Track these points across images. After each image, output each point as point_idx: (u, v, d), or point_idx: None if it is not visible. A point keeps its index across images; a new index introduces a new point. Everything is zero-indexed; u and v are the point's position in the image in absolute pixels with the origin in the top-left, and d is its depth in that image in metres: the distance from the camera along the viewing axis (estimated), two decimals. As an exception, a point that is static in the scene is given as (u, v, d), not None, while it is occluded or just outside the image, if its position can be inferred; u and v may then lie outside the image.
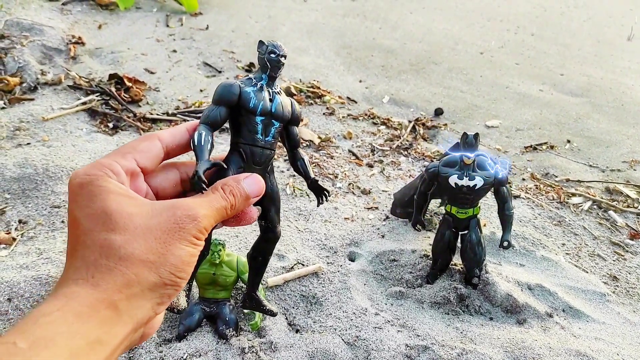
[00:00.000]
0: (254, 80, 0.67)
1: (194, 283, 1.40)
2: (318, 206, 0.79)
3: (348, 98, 2.68)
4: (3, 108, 2.18)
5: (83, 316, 0.48)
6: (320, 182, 0.73)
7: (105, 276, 0.50)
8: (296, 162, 0.74)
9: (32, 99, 2.26)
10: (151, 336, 0.57)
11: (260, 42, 0.67)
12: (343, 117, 2.48)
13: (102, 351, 0.48)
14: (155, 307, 0.53)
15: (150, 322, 0.54)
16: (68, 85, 2.38)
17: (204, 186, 0.60)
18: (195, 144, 0.62)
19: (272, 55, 0.66)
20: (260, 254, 0.76)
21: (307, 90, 2.64)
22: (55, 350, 0.45)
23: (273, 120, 0.67)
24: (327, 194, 0.76)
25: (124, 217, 0.53)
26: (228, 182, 0.61)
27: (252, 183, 0.63)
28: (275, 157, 1.99)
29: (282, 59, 0.67)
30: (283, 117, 0.68)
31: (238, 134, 0.68)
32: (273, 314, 0.83)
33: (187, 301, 0.76)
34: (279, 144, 0.72)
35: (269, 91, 0.67)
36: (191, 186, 0.64)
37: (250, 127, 0.67)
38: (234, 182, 0.61)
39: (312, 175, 0.75)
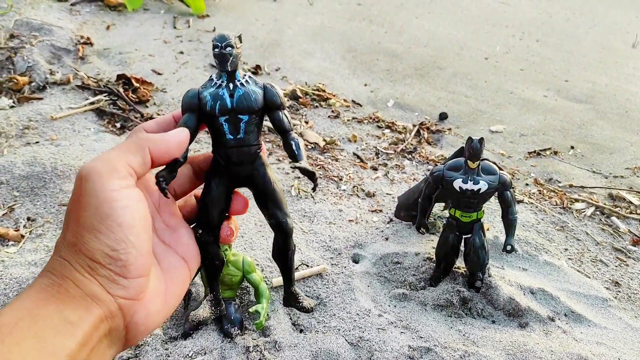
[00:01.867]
0: (214, 80, 0.65)
1: (200, 282, 1.42)
2: (314, 191, 0.75)
3: (353, 101, 2.70)
4: (12, 107, 2.21)
5: (41, 300, 0.47)
6: (306, 166, 0.67)
7: (54, 264, 0.50)
8: (286, 148, 0.69)
9: (41, 98, 2.29)
10: (144, 332, 0.53)
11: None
12: (348, 120, 2.49)
13: (73, 333, 0.46)
14: (109, 289, 0.50)
15: (129, 310, 0.51)
16: (76, 85, 2.41)
17: (164, 187, 0.59)
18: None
19: (216, 50, 0.63)
20: (276, 253, 0.74)
21: (313, 93, 2.65)
22: (20, 334, 0.43)
23: (239, 116, 0.64)
24: (314, 183, 0.71)
25: (88, 206, 0.52)
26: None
27: (174, 132, 0.60)
28: (281, 158, 2.01)
29: (227, 50, 0.62)
30: (250, 108, 0.64)
31: (213, 139, 0.66)
32: (307, 311, 0.79)
33: (216, 309, 0.77)
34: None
35: (229, 86, 0.64)
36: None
37: (216, 129, 0.65)
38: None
39: (301, 159, 0.68)
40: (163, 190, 0.59)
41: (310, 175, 0.68)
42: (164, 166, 0.61)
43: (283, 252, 0.73)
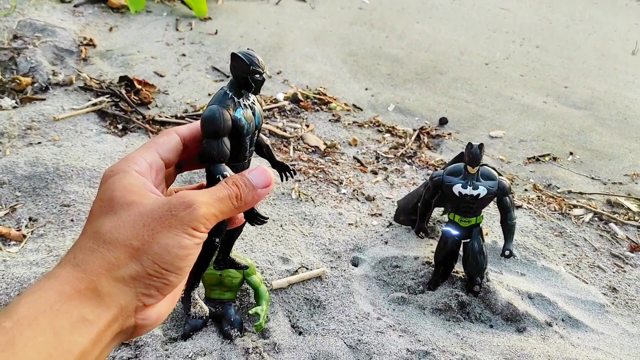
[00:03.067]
0: (235, 99, 0.64)
1: (200, 283, 1.43)
2: (282, 181, 0.78)
3: (354, 105, 2.71)
4: (15, 107, 2.22)
5: (64, 294, 0.47)
6: (284, 161, 0.74)
7: (87, 257, 0.50)
8: (262, 149, 0.73)
9: (44, 99, 2.30)
10: (149, 330, 0.55)
11: (235, 56, 0.63)
12: (349, 124, 2.51)
13: (88, 331, 0.47)
14: (140, 296, 0.51)
15: (142, 314, 0.52)
16: (79, 86, 2.42)
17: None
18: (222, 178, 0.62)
19: (257, 77, 0.64)
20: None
21: (314, 97, 2.67)
22: (38, 328, 0.44)
23: (256, 131, 0.68)
24: (292, 173, 0.76)
25: (124, 204, 0.53)
26: (232, 176, 0.60)
27: (257, 174, 0.61)
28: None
29: (266, 76, 0.66)
30: (262, 124, 0.68)
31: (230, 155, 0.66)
32: (244, 267, 0.84)
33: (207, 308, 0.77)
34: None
35: (248, 105, 0.65)
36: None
37: (241, 147, 0.66)
38: (238, 175, 0.61)
39: (277, 159, 0.75)
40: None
41: (287, 170, 0.76)
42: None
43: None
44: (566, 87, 3.42)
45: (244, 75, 0.63)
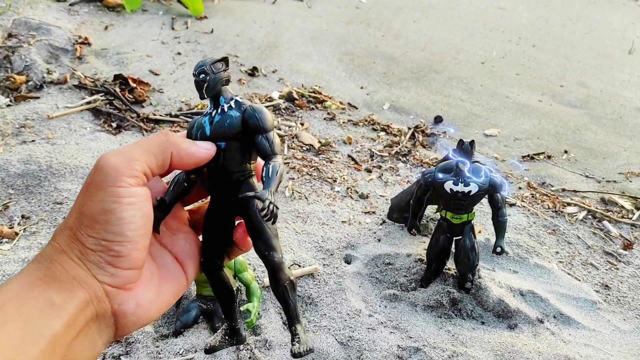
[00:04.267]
0: (206, 109, 0.64)
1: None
2: (272, 223, 0.61)
3: (349, 104, 2.71)
4: (9, 105, 2.22)
5: (26, 284, 0.48)
6: (270, 198, 0.57)
7: (45, 250, 0.52)
8: (261, 172, 0.60)
9: (38, 97, 2.30)
10: (138, 323, 0.54)
11: None
12: (343, 122, 2.51)
13: (58, 315, 0.47)
14: (98, 276, 0.51)
15: (117, 298, 0.52)
16: (73, 85, 2.42)
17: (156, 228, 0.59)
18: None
19: (194, 79, 0.62)
20: (272, 288, 0.64)
21: (309, 96, 2.67)
22: (6, 315, 0.45)
23: (218, 143, 0.61)
24: (269, 213, 0.57)
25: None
26: None
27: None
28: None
29: (200, 78, 0.62)
30: (225, 133, 0.61)
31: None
32: (295, 356, 0.64)
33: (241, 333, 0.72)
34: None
35: (211, 113, 0.63)
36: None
37: None
38: None
39: (267, 187, 0.57)
40: (154, 229, 0.59)
41: (262, 202, 0.56)
42: (155, 205, 0.60)
43: (274, 288, 0.64)
44: (562, 85, 3.43)
45: None
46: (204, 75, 0.62)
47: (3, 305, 0.46)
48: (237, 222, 0.66)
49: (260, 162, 0.64)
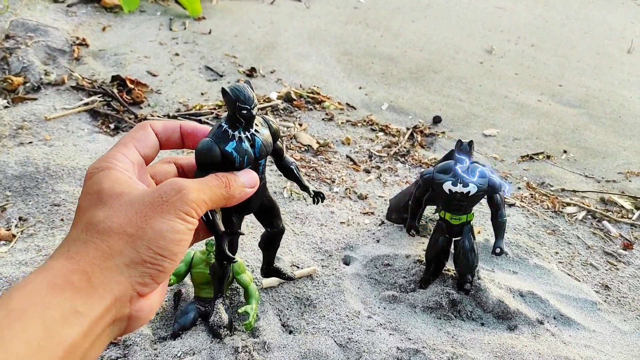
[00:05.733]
0: (229, 133, 0.64)
1: (190, 282, 1.42)
2: (314, 204, 0.84)
3: (347, 104, 2.71)
4: (6, 107, 2.21)
5: (56, 287, 0.47)
6: (314, 188, 0.77)
7: (80, 248, 0.50)
8: (287, 173, 0.76)
9: (35, 99, 2.29)
10: (142, 325, 0.55)
11: (224, 91, 0.63)
12: (342, 122, 2.50)
13: (79, 323, 0.46)
14: (135, 285, 0.51)
15: (136, 305, 0.52)
16: (71, 86, 2.41)
17: (232, 257, 0.67)
18: (205, 220, 0.64)
19: (244, 112, 0.63)
20: (269, 245, 0.85)
21: (307, 96, 2.66)
22: (28, 321, 0.44)
23: (259, 161, 0.66)
24: (321, 198, 0.80)
25: (113, 195, 0.53)
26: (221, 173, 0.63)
27: (244, 173, 0.64)
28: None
29: (254, 112, 0.64)
30: (268, 151, 0.67)
31: None
32: (291, 278, 0.95)
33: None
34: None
35: (247, 137, 0.64)
36: (221, 261, 0.70)
37: None
38: (227, 172, 0.63)
39: (306, 184, 0.78)
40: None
41: (318, 196, 0.80)
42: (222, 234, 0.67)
43: (276, 245, 0.85)
44: (561, 85, 3.42)
45: (232, 108, 0.63)
46: (257, 109, 0.64)
47: (26, 309, 0.45)
48: None
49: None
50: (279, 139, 0.71)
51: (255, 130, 0.65)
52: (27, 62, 2.49)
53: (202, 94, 2.59)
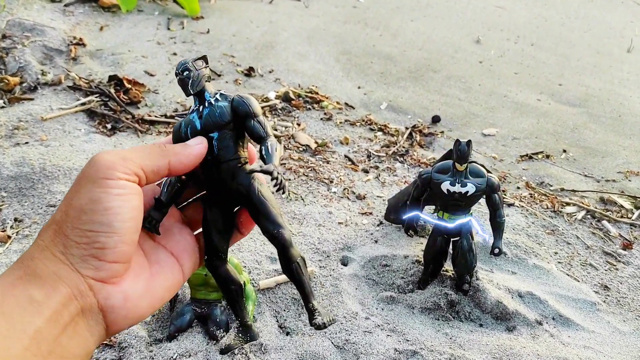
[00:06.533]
0: (193, 106, 0.66)
1: (186, 283, 1.41)
2: (283, 193, 0.69)
3: (346, 104, 2.70)
4: (2, 107, 2.20)
5: (9, 283, 0.48)
6: (267, 167, 0.61)
7: (27, 251, 0.51)
8: (259, 153, 0.65)
9: (32, 99, 2.28)
10: (128, 317, 0.53)
11: None
12: (340, 122, 2.49)
13: (39, 311, 0.46)
14: (82, 270, 0.50)
15: (102, 292, 0.51)
16: (68, 86, 2.40)
17: (154, 227, 0.62)
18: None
19: (177, 78, 0.65)
20: (283, 268, 0.66)
21: (306, 96, 2.65)
22: None
23: (210, 135, 0.64)
24: (280, 185, 0.61)
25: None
26: None
27: (191, 140, 0.63)
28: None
29: (184, 75, 0.64)
30: (217, 124, 0.63)
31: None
32: (320, 328, 0.69)
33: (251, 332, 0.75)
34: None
35: (199, 108, 0.65)
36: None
37: None
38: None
39: (270, 162, 0.62)
40: (153, 230, 0.62)
41: (269, 174, 0.60)
42: (153, 205, 0.63)
43: (286, 265, 0.65)
44: (560, 84, 3.41)
45: None
46: (187, 72, 0.64)
47: None
48: (235, 209, 0.69)
49: (252, 149, 0.68)
50: (253, 120, 0.64)
51: (209, 103, 0.65)
52: (23, 62, 2.48)
53: (200, 93, 2.57)
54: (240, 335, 0.75)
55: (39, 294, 0.47)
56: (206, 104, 0.64)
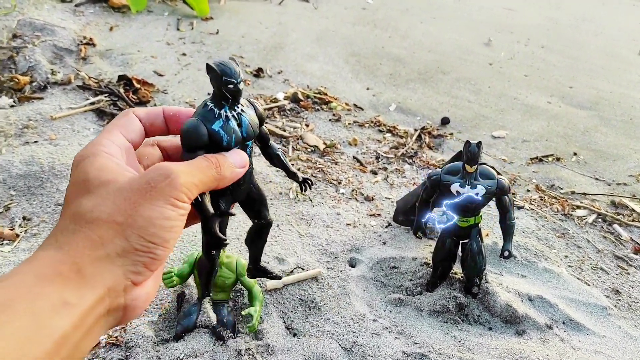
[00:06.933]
0: (216, 111, 0.63)
1: (193, 283, 1.41)
2: (302, 191, 0.82)
3: (355, 105, 2.69)
4: (12, 106, 2.21)
5: (44, 278, 0.46)
6: (302, 174, 0.75)
7: (69, 239, 0.49)
8: (273, 159, 0.75)
9: (42, 98, 2.29)
10: (138, 313, 0.54)
11: (208, 67, 0.62)
12: (349, 123, 2.48)
13: (69, 314, 0.45)
14: (128, 274, 0.50)
15: (131, 294, 0.51)
16: (77, 86, 2.41)
17: (224, 240, 0.66)
18: (194, 203, 0.61)
19: (230, 87, 0.62)
20: (256, 241, 0.85)
21: (314, 97, 2.64)
22: (15, 313, 0.43)
23: (246, 142, 0.65)
24: (309, 184, 0.80)
25: (100, 183, 0.52)
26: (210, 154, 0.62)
27: (233, 153, 0.63)
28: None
29: (241, 86, 0.62)
30: (255, 132, 0.66)
31: None
32: (279, 277, 0.96)
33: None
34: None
35: (234, 116, 0.64)
36: (211, 247, 0.70)
37: None
38: (216, 153, 0.62)
39: (293, 170, 0.78)
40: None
41: (306, 182, 0.78)
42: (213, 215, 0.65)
43: (262, 235, 0.85)
44: (571, 87, 3.39)
45: (218, 86, 0.62)
46: (242, 84, 0.63)
47: (13, 300, 0.43)
48: None
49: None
50: (264, 124, 0.70)
51: (242, 110, 0.65)
52: (33, 61, 2.49)
53: (209, 94, 2.57)
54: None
55: (74, 297, 0.46)
56: (239, 111, 0.65)
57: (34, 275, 0.46)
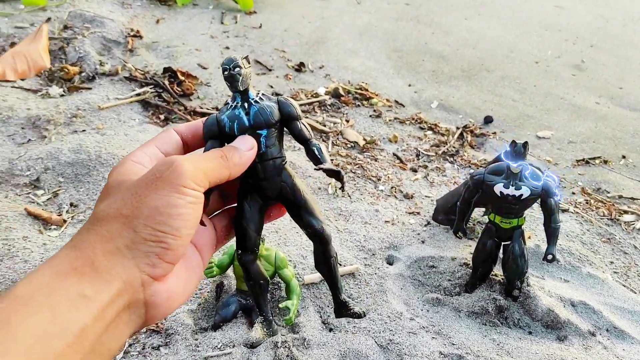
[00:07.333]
0: (229, 103, 0.67)
1: (232, 274, 1.42)
2: (342, 190, 0.78)
3: (396, 101, 2.66)
4: (62, 95, 2.27)
5: (60, 274, 0.47)
6: (330, 166, 0.66)
7: (83, 237, 0.51)
8: (308, 154, 0.68)
9: (90, 88, 2.35)
10: (164, 314, 0.55)
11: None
12: (390, 120, 2.46)
13: (88, 307, 0.46)
14: (142, 266, 0.51)
15: (150, 289, 0.52)
16: (124, 77, 2.46)
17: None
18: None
19: (225, 73, 0.65)
20: (318, 262, 0.72)
21: (355, 92, 2.63)
22: (34, 307, 0.44)
23: (258, 131, 0.65)
24: (340, 180, 0.67)
25: (115, 185, 0.55)
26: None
27: (238, 139, 0.64)
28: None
29: (235, 71, 0.64)
30: (267, 123, 0.65)
31: None
32: (360, 316, 0.76)
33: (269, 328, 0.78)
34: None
35: (244, 105, 0.66)
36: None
37: None
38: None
39: (325, 161, 0.66)
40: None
41: (336, 175, 0.67)
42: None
43: (324, 261, 0.72)
44: (621, 88, 3.27)
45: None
46: (238, 69, 0.64)
47: (32, 295, 0.45)
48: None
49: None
50: (299, 122, 0.68)
51: (255, 102, 0.66)
52: (83, 52, 2.56)
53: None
54: (264, 330, 0.79)
55: (92, 289, 0.47)
56: (252, 102, 0.66)
57: (51, 272, 0.47)
